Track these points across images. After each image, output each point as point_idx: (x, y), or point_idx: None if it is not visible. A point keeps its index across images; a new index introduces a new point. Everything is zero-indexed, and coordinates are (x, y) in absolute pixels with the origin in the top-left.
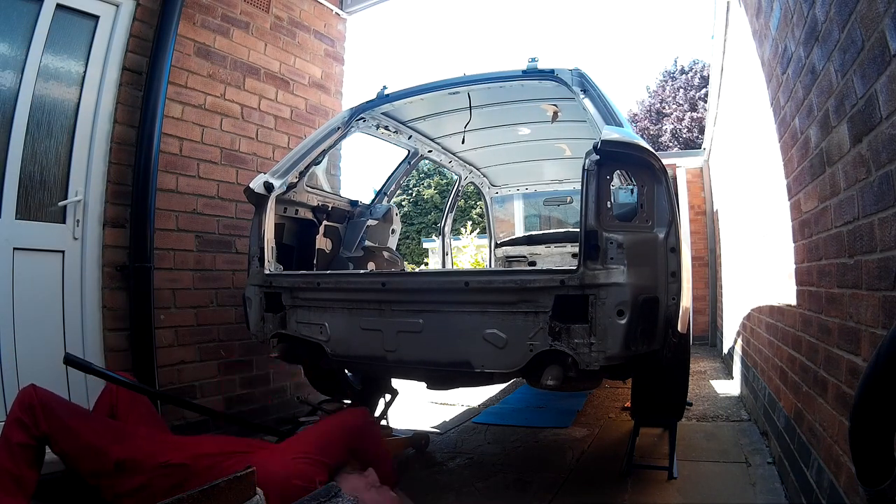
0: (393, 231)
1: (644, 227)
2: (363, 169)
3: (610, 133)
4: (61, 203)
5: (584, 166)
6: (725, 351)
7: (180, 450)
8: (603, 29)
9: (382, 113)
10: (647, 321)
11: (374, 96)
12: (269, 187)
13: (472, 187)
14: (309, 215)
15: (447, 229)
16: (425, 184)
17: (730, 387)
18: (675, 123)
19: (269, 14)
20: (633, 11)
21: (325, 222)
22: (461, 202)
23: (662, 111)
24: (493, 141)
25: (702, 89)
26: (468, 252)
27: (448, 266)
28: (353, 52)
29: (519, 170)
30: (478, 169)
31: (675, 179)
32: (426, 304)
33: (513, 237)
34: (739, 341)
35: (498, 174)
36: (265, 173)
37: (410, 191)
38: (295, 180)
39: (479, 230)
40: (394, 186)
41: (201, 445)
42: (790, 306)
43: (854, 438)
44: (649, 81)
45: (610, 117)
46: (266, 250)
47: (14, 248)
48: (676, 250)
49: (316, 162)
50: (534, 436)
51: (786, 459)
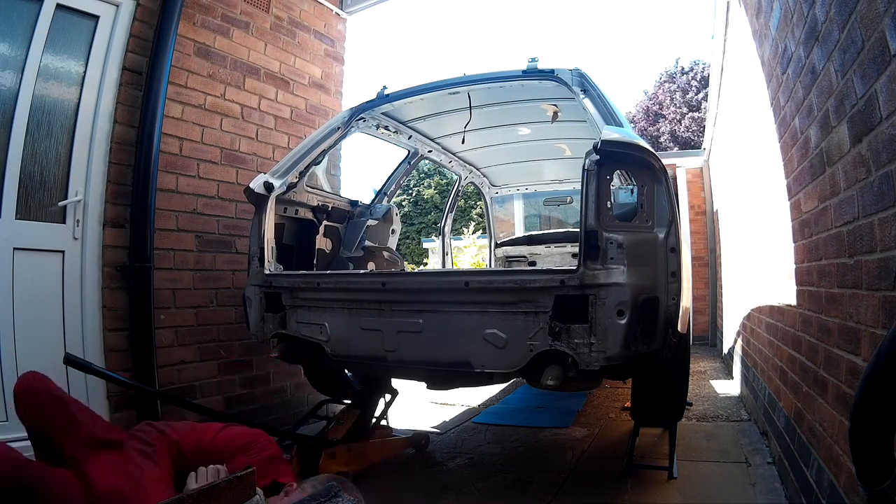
0: (393, 231)
1: (644, 227)
2: (363, 169)
3: (610, 133)
4: (61, 203)
5: (584, 166)
6: (725, 351)
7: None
8: (602, 29)
9: (382, 113)
10: (647, 321)
11: (374, 96)
12: (269, 187)
13: (472, 187)
14: (309, 215)
15: (447, 229)
16: (425, 184)
17: (730, 387)
18: (674, 125)
19: (269, 14)
20: (633, 12)
21: (325, 222)
22: (461, 202)
23: (661, 112)
24: (493, 141)
25: (699, 92)
26: (470, 252)
27: (448, 266)
28: (353, 52)
29: (519, 170)
30: (478, 169)
31: (675, 179)
32: (426, 304)
33: (513, 237)
34: (739, 341)
35: (498, 174)
36: (265, 173)
37: (410, 191)
38: (295, 180)
39: (481, 231)
40: (394, 186)
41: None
42: (790, 306)
43: (854, 438)
44: (649, 82)
45: (610, 117)
46: (266, 250)
47: (14, 248)
48: (676, 250)
49: (316, 162)
50: (534, 436)
51: (786, 459)
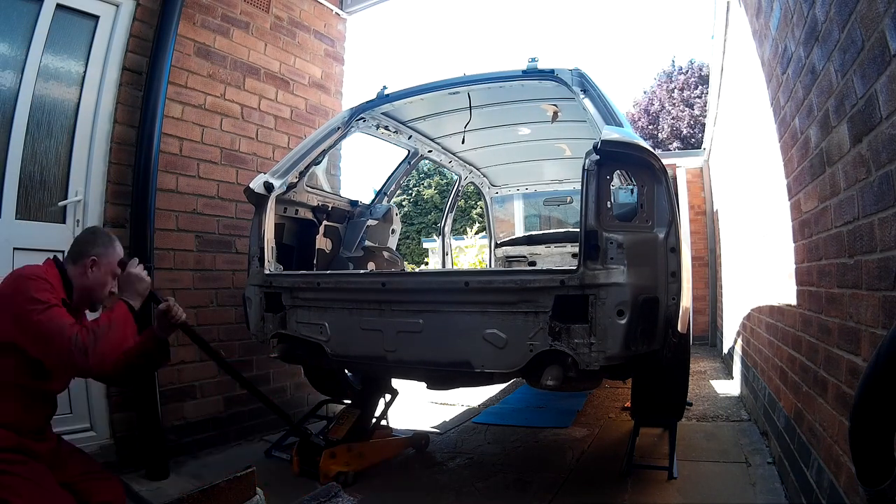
0: (393, 231)
1: (644, 227)
2: (363, 169)
3: (610, 133)
4: (61, 203)
5: (584, 166)
6: (725, 351)
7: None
8: (602, 29)
9: (382, 113)
10: (647, 321)
11: (374, 96)
12: (269, 187)
13: (472, 187)
14: (309, 215)
15: (447, 229)
16: (425, 184)
17: (730, 387)
18: (675, 122)
19: (269, 14)
20: (633, 12)
21: (325, 222)
22: (461, 202)
23: (660, 111)
24: (493, 141)
25: (696, 88)
26: (471, 252)
27: (448, 266)
28: (353, 52)
29: (519, 170)
30: (478, 169)
31: (675, 179)
32: (426, 304)
33: (513, 237)
34: (739, 341)
35: (498, 174)
36: (265, 173)
37: (410, 191)
38: (295, 180)
39: (483, 231)
40: (394, 186)
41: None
42: (790, 306)
43: (854, 438)
44: (649, 81)
45: (610, 117)
46: (266, 250)
47: (14, 248)
48: (676, 250)
49: (316, 162)
50: (534, 436)
51: (786, 459)
